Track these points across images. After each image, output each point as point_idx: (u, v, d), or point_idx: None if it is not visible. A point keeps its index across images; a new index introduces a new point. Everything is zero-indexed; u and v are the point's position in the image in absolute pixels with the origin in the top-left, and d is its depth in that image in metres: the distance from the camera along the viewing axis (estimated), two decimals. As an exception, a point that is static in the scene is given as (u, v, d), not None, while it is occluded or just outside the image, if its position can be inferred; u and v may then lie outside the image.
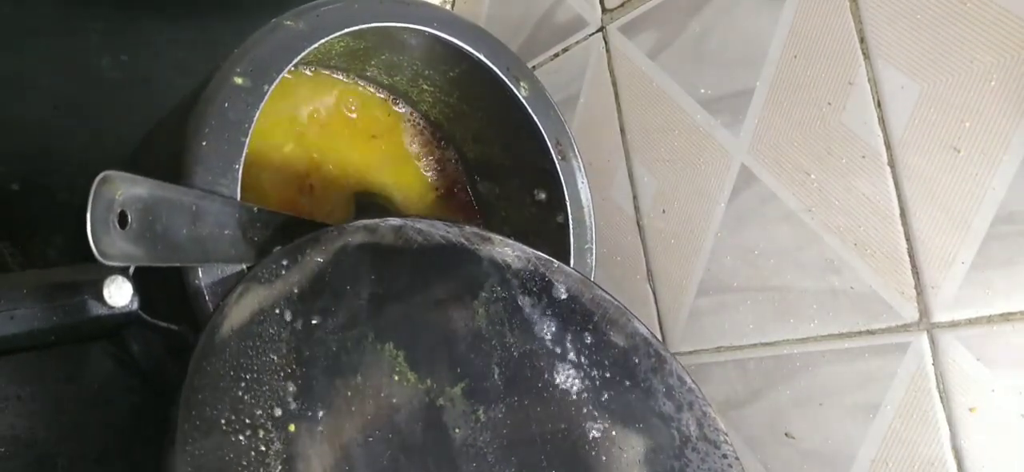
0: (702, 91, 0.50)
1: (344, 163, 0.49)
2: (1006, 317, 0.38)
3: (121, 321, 0.33)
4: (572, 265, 0.46)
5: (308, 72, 0.48)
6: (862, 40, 0.42)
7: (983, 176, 0.38)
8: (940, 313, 0.40)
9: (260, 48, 0.37)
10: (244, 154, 0.35)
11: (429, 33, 0.43)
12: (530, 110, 0.47)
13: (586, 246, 0.48)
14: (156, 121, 0.42)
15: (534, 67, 0.63)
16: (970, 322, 0.39)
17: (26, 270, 0.33)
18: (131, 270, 0.33)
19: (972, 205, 0.39)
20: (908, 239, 0.41)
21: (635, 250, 0.55)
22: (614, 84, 0.56)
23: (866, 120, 0.42)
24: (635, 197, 0.55)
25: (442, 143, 0.54)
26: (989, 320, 0.39)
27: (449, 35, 0.44)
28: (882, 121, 0.42)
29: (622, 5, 0.55)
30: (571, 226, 0.48)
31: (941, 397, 0.40)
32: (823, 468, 0.45)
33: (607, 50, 0.57)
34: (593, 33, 0.58)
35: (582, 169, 0.48)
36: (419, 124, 0.53)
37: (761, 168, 0.47)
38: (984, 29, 0.38)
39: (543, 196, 0.49)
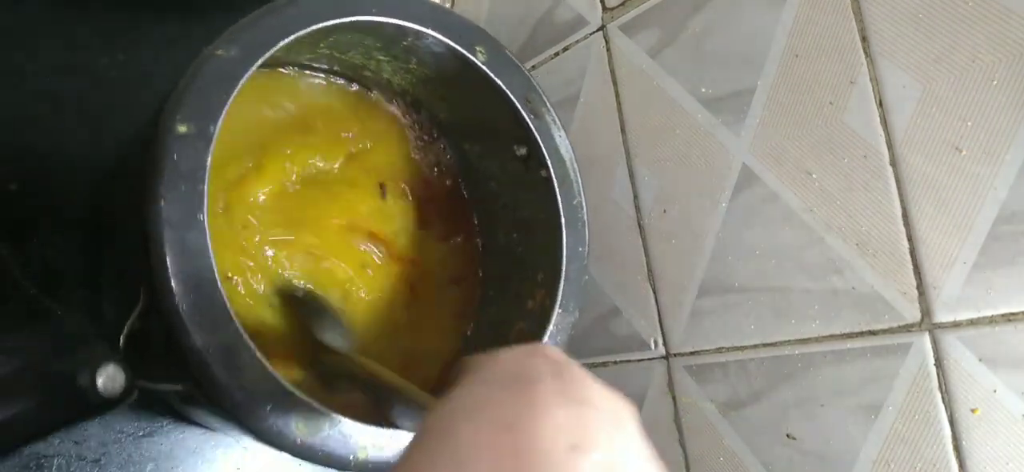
0: (703, 90, 0.50)
1: (319, 146, 0.49)
2: (1008, 317, 0.38)
3: (122, 398, 0.33)
4: (564, 222, 0.45)
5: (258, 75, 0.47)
6: (864, 39, 0.42)
7: (985, 176, 0.38)
8: (942, 313, 0.40)
9: (195, 88, 0.35)
10: (205, 202, 0.34)
11: (373, 22, 0.41)
12: (491, 74, 0.45)
13: (575, 201, 0.47)
14: (128, 141, 0.42)
15: (534, 66, 0.63)
16: (972, 322, 0.39)
17: (17, 370, 0.33)
18: (122, 339, 0.33)
19: (974, 205, 0.39)
20: (910, 239, 0.41)
21: (636, 250, 0.55)
22: (615, 83, 0.56)
23: (868, 119, 0.42)
24: (636, 197, 0.55)
25: (413, 108, 0.52)
26: (991, 320, 0.38)
27: (391, 18, 0.42)
28: (884, 120, 0.42)
29: (623, 4, 0.55)
30: (556, 184, 0.46)
31: (943, 398, 0.40)
32: (825, 469, 0.45)
33: (608, 49, 0.57)
34: (593, 32, 0.58)
35: (557, 122, 0.47)
36: (386, 92, 0.51)
37: (762, 168, 0.47)
38: (986, 28, 0.38)
39: (524, 151, 0.48)
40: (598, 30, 0.57)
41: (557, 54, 0.61)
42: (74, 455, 0.43)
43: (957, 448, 0.40)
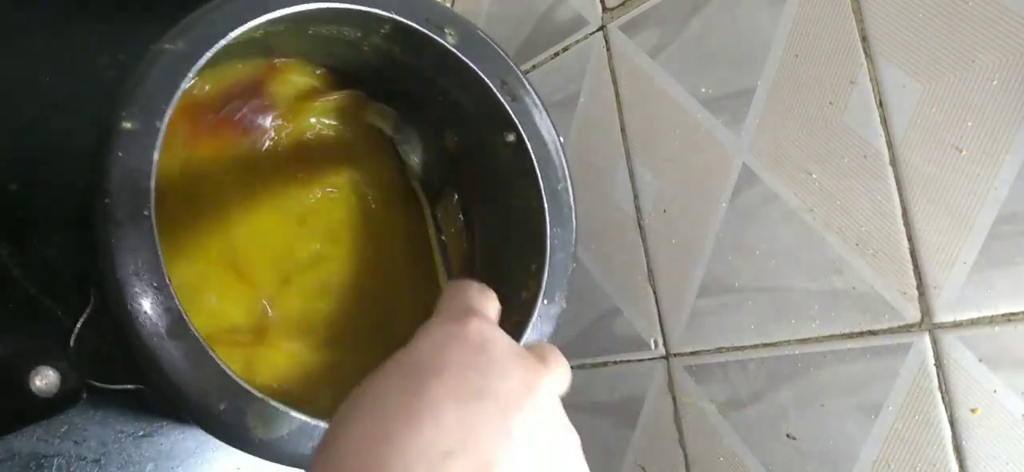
0: (703, 90, 0.50)
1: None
2: (1008, 317, 0.38)
3: (71, 398, 0.32)
4: (547, 208, 0.44)
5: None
6: (864, 39, 0.42)
7: (985, 176, 0.38)
8: (942, 313, 0.40)
9: (143, 84, 0.34)
10: (152, 198, 0.33)
11: (327, 9, 0.40)
12: (463, 57, 0.44)
13: (560, 186, 0.45)
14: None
15: (534, 66, 0.63)
16: (972, 322, 0.39)
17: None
18: (72, 339, 0.32)
19: (974, 205, 0.39)
20: (910, 239, 0.41)
21: (636, 250, 0.55)
22: (615, 83, 0.56)
23: (868, 119, 0.42)
24: (636, 197, 0.55)
25: (398, 103, 0.51)
26: (991, 320, 0.38)
27: (347, 3, 0.40)
28: (884, 120, 0.42)
29: (623, 4, 0.55)
30: (537, 168, 0.44)
31: (943, 398, 0.40)
32: (825, 469, 0.45)
33: (608, 49, 0.57)
34: (593, 32, 0.58)
35: (539, 104, 0.45)
36: (368, 89, 0.50)
37: (762, 168, 0.47)
38: (986, 28, 0.38)
39: (512, 138, 0.46)
40: (598, 30, 0.57)
41: (557, 54, 0.61)
42: (74, 455, 0.43)
43: (957, 448, 0.40)
